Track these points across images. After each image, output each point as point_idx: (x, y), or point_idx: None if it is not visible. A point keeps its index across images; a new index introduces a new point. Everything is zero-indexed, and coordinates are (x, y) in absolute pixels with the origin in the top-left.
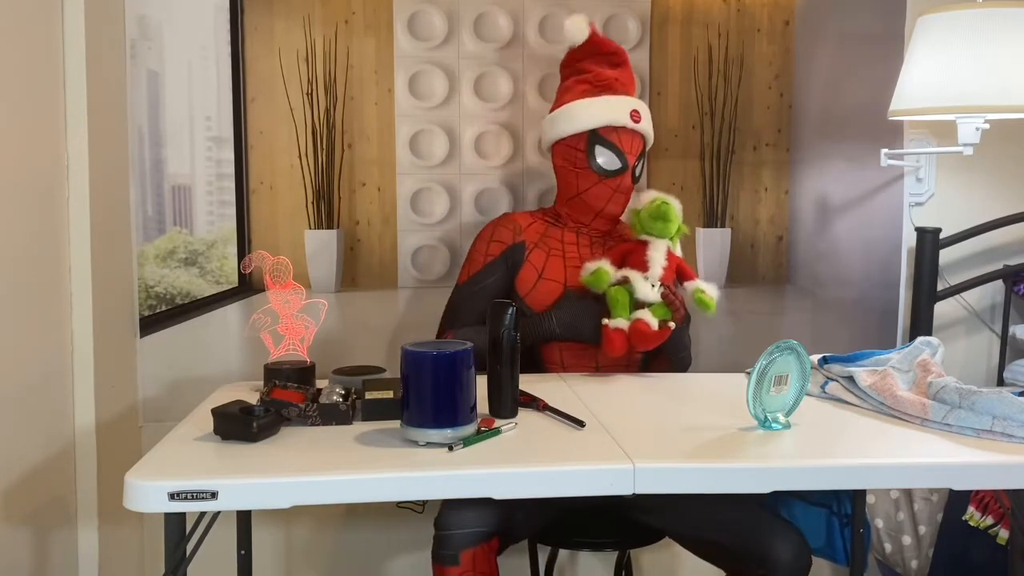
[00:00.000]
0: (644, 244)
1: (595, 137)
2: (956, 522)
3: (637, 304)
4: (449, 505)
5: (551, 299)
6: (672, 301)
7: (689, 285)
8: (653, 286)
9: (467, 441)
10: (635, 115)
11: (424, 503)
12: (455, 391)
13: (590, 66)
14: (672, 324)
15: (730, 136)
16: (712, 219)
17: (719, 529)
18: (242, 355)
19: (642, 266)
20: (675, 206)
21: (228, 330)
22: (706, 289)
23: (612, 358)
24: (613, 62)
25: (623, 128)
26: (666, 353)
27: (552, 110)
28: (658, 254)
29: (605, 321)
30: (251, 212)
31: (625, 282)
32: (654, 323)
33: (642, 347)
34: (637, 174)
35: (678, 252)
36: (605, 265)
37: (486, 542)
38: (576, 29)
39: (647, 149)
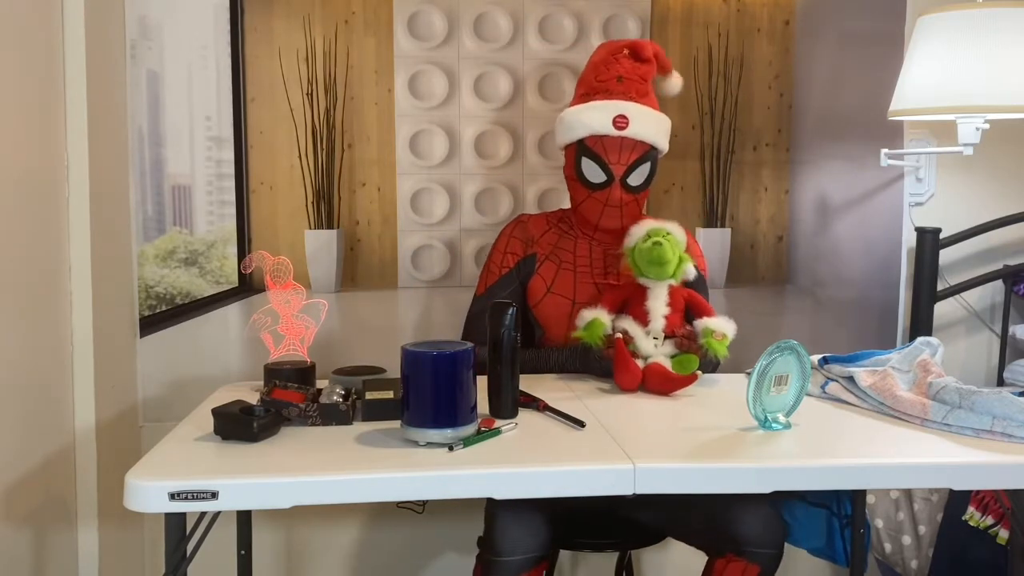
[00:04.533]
0: (643, 290)
1: (582, 148)
2: (956, 522)
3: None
4: (499, 526)
5: (559, 313)
6: (688, 348)
7: (698, 325)
8: (655, 339)
9: (467, 441)
10: (619, 121)
11: (424, 503)
12: (455, 391)
13: (600, 63)
14: (699, 372)
15: (730, 136)
16: (712, 219)
17: (694, 514)
18: (242, 355)
19: (642, 317)
20: (672, 240)
21: (228, 330)
22: (716, 330)
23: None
24: (638, 57)
25: (607, 137)
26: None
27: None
28: (658, 303)
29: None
30: (251, 212)
31: (627, 340)
32: (668, 363)
33: (664, 390)
34: (636, 184)
35: (691, 274)
36: (601, 316)
37: (538, 566)
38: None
39: (656, 154)
